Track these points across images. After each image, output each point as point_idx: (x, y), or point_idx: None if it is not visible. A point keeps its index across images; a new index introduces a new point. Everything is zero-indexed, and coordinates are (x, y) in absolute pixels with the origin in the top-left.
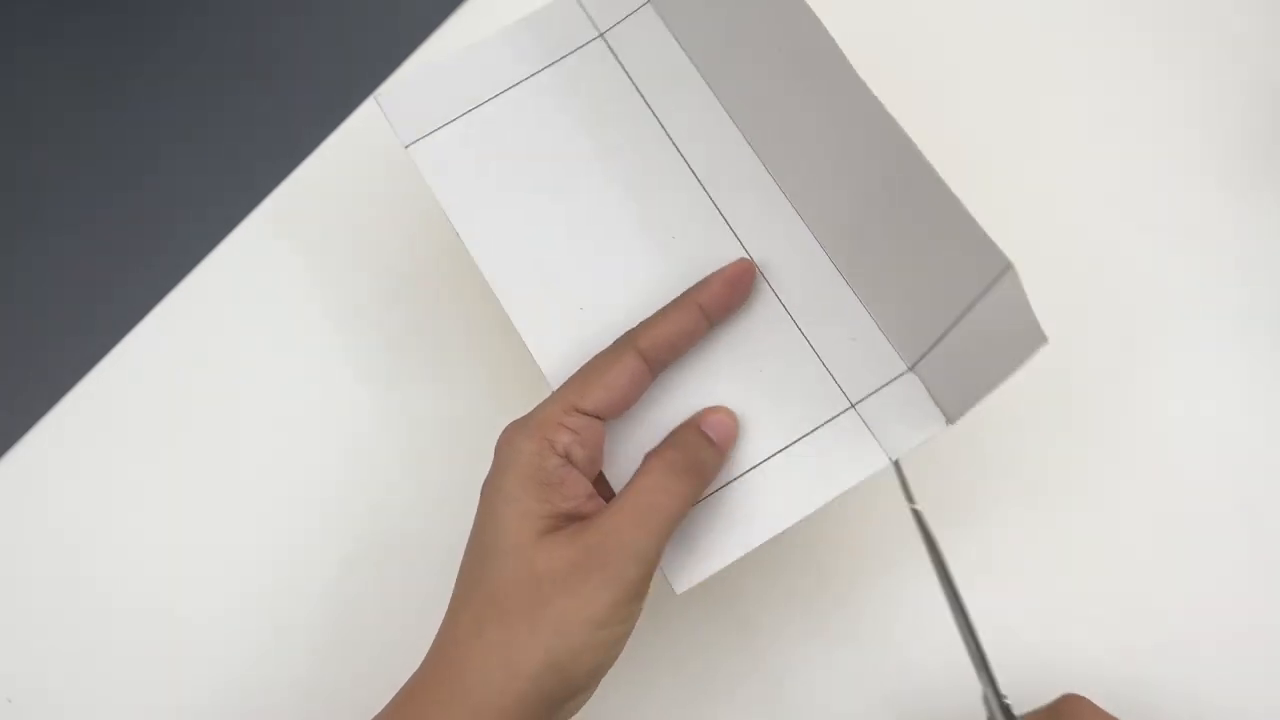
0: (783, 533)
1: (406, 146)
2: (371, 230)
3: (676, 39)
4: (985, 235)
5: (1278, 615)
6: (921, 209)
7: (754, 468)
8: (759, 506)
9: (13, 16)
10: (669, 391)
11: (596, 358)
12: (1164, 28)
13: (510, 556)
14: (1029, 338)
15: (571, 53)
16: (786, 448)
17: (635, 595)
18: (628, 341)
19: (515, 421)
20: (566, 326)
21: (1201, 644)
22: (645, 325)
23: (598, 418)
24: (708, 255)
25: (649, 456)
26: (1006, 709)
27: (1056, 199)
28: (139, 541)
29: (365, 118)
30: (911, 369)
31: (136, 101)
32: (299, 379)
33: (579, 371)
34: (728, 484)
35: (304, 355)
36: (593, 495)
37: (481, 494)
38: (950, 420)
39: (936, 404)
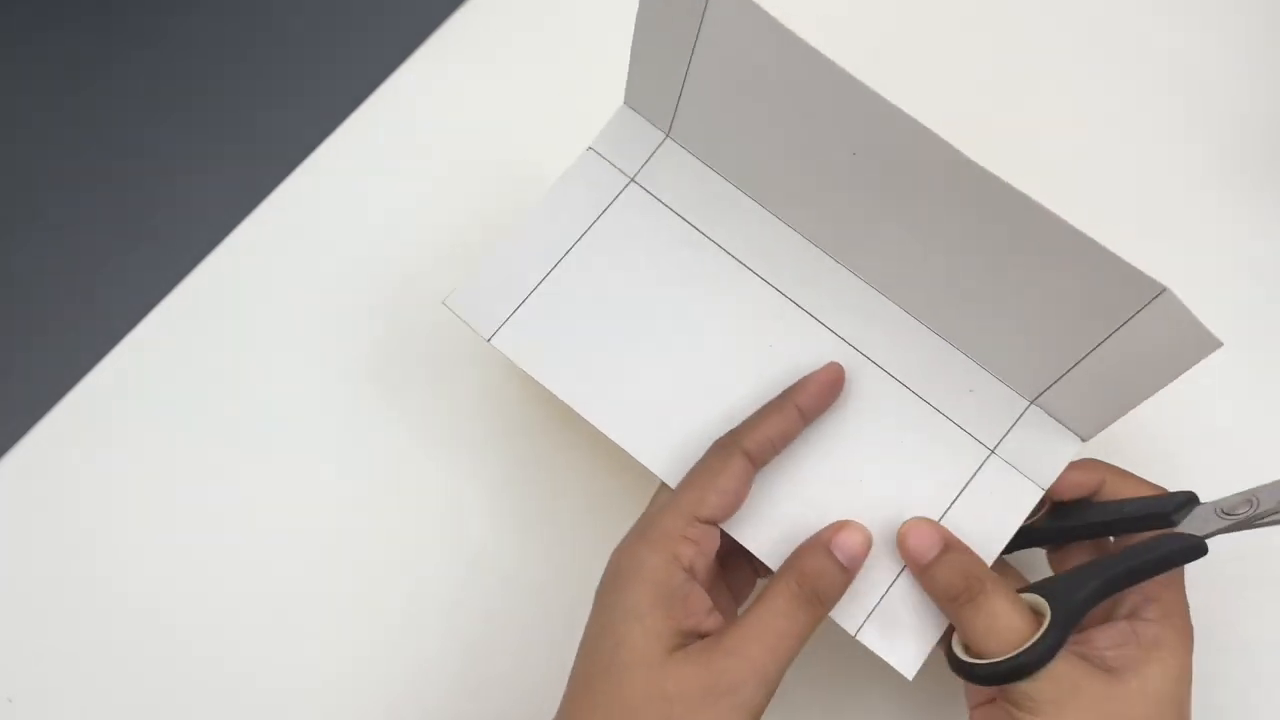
0: None
1: (488, 340)
2: (371, 231)
3: (704, 163)
4: (1130, 265)
5: (1277, 616)
6: (1037, 255)
7: None
8: None
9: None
10: (809, 483)
11: (705, 462)
12: (1164, 27)
13: (639, 673)
14: (1194, 347)
15: (611, 204)
16: (948, 509)
17: (758, 717)
18: (733, 443)
19: (634, 532)
20: (673, 429)
21: (1201, 650)
22: (747, 426)
23: (714, 524)
24: (804, 352)
25: (777, 579)
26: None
27: (1056, 200)
28: (139, 541)
29: (363, 119)
30: (1033, 402)
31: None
32: (299, 379)
33: (691, 477)
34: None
35: (304, 355)
36: (712, 610)
37: (599, 601)
38: (1085, 438)
39: (1067, 427)
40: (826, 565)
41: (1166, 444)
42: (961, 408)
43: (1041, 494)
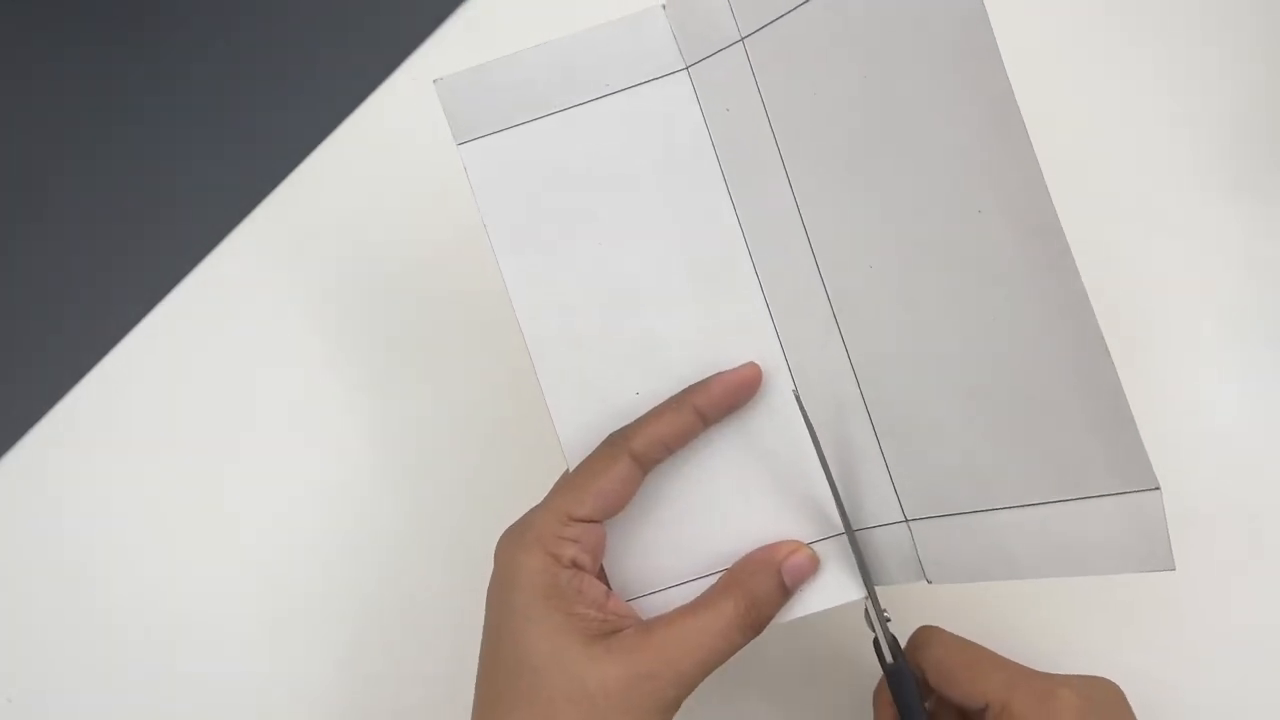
0: None
1: (459, 145)
2: (371, 231)
3: (763, 96)
4: (1141, 443)
5: (1277, 616)
6: (1056, 382)
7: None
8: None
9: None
10: (671, 480)
11: (589, 460)
12: (1163, 27)
13: (552, 673)
14: (1143, 560)
15: (651, 80)
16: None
17: (670, 717)
18: (621, 443)
19: (510, 533)
20: (598, 411)
21: (1200, 644)
22: (639, 425)
23: (594, 522)
24: (743, 346)
25: (722, 595)
26: (888, 629)
27: (1056, 200)
28: (138, 541)
29: (363, 120)
30: (907, 522)
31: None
32: (298, 379)
33: (573, 475)
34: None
35: (303, 355)
36: (609, 593)
37: (491, 607)
38: (929, 580)
39: (920, 563)
40: (774, 590)
41: (1164, 445)
42: (846, 477)
43: (861, 595)
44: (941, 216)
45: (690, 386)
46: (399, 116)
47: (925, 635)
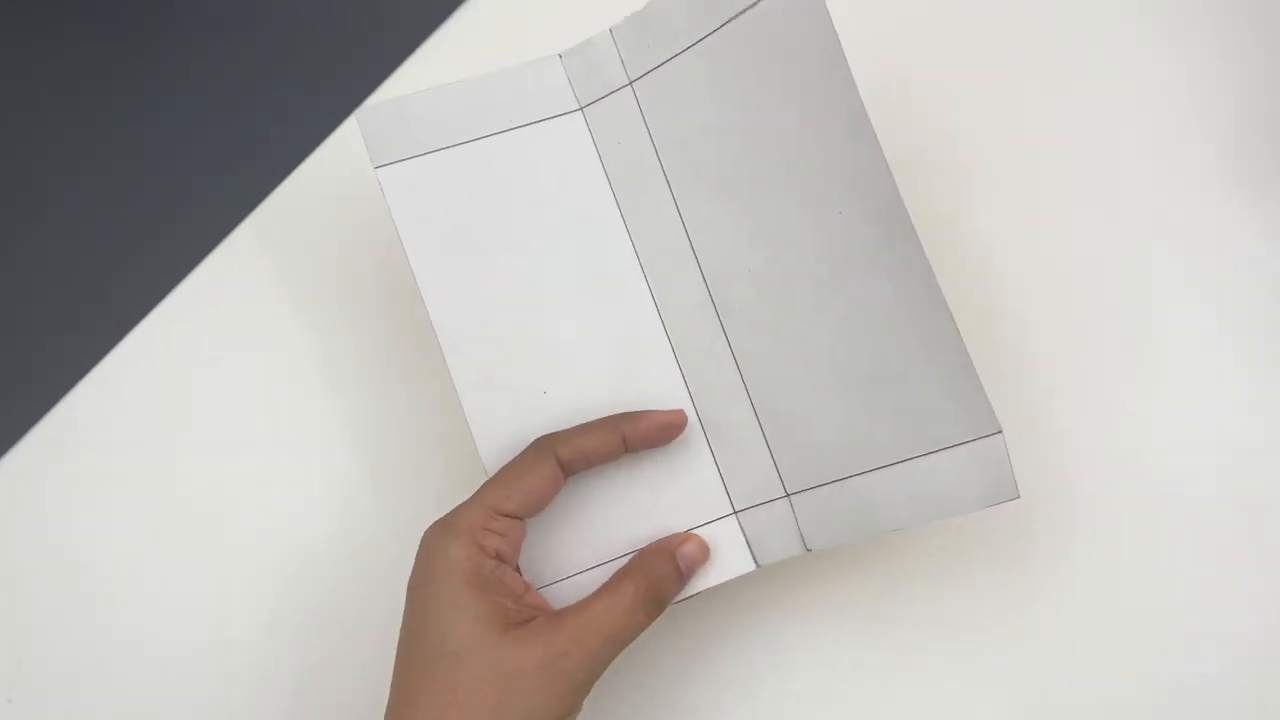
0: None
1: (376, 168)
2: (366, 236)
3: (650, 131)
4: (983, 394)
5: (1277, 616)
6: (910, 351)
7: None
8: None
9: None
10: (582, 478)
11: (518, 460)
12: (1164, 26)
13: (473, 658)
14: (992, 494)
15: (550, 118)
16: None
17: (585, 694)
18: (549, 448)
19: (439, 523)
20: (509, 408)
21: (1200, 644)
22: (569, 435)
23: (518, 518)
24: (647, 382)
25: (624, 578)
26: None
27: (1055, 199)
28: (138, 541)
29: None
30: (788, 496)
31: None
32: (298, 379)
33: (502, 473)
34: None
35: (303, 355)
36: (528, 588)
37: (412, 595)
38: (809, 548)
39: (800, 533)
40: (670, 572)
41: (1163, 445)
42: (733, 462)
43: (753, 568)
44: (810, 222)
45: (623, 414)
46: None
47: None
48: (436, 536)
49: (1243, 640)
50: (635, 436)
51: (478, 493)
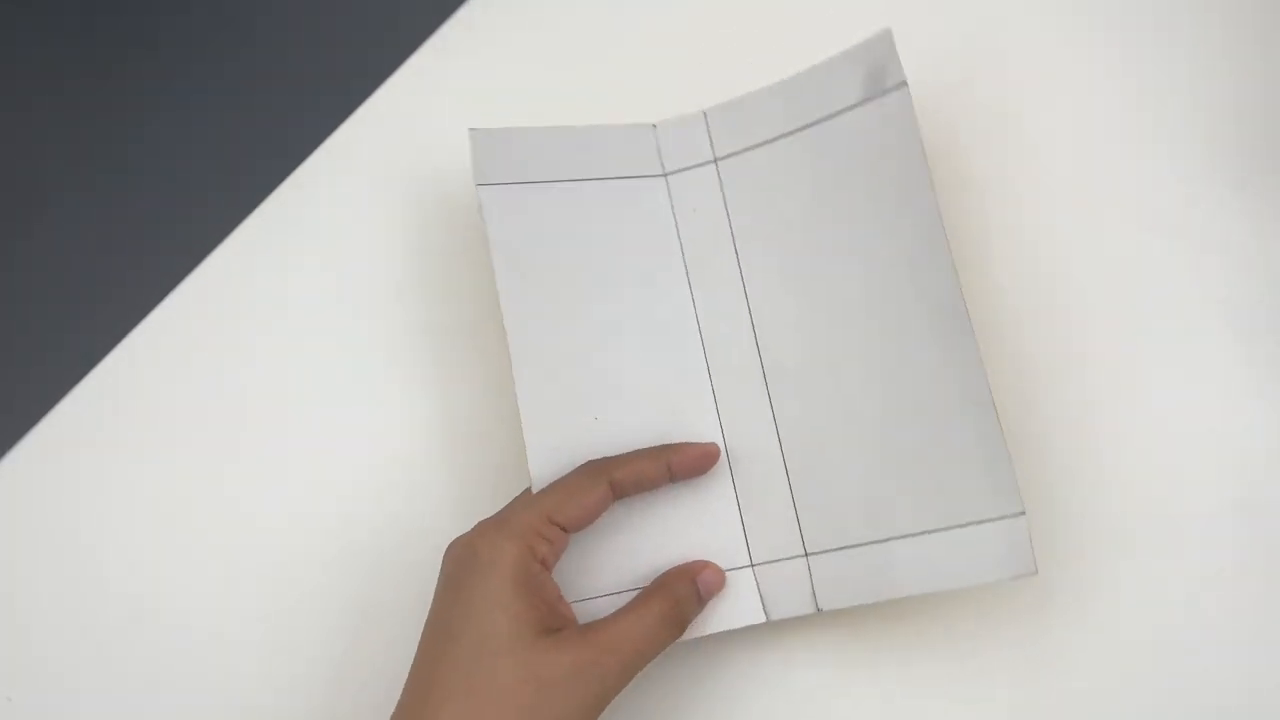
0: None
1: (479, 185)
2: (371, 232)
3: (729, 211)
4: (1014, 477)
5: (1277, 614)
6: (950, 435)
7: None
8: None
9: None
10: (619, 508)
11: (574, 476)
12: (1164, 26)
13: (510, 659)
14: (1015, 568)
15: (636, 177)
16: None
17: (605, 707)
18: (603, 471)
19: (493, 521)
20: (563, 427)
21: (1201, 644)
22: (622, 461)
23: (566, 531)
24: (687, 432)
25: (652, 597)
26: None
27: (1055, 200)
28: (139, 541)
29: (363, 120)
30: (806, 556)
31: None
32: (299, 379)
33: (557, 486)
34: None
35: (304, 355)
36: (560, 597)
37: (453, 589)
38: (820, 609)
39: (814, 593)
40: (691, 594)
41: (1162, 446)
42: (757, 517)
43: (764, 620)
44: (870, 308)
45: (668, 445)
46: (399, 117)
47: None
48: (490, 533)
49: (1240, 639)
50: (679, 465)
51: (531, 499)
